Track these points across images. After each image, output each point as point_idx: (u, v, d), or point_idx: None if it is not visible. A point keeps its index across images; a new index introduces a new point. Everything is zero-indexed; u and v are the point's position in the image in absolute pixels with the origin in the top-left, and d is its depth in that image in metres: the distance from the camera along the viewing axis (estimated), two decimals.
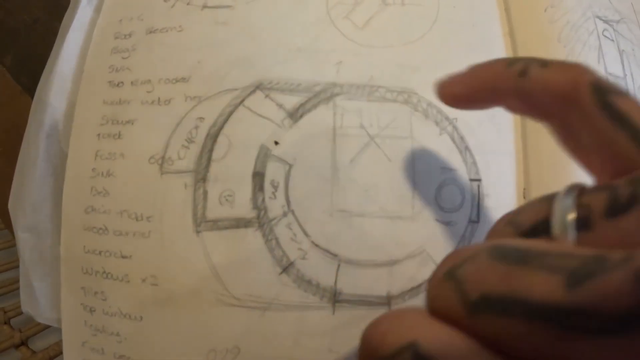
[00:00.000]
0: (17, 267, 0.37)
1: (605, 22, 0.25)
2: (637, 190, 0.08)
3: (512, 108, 0.14)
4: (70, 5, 0.26)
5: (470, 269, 0.09)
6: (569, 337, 0.07)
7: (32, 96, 0.25)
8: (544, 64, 0.12)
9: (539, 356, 0.08)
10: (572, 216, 0.09)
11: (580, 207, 0.09)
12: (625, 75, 0.24)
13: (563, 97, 0.11)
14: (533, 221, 0.10)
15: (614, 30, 0.25)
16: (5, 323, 0.33)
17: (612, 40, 0.25)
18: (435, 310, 0.09)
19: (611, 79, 0.24)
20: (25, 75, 0.28)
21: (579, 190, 0.09)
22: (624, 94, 0.11)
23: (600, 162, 0.11)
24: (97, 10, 0.25)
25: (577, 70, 0.11)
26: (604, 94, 0.11)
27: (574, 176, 0.21)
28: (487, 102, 0.14)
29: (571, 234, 0.09)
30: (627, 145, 0.10)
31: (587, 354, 0.07)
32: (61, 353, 0.32)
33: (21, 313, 0.34)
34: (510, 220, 0.11)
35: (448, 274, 0.09)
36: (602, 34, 0.24)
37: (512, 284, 0.08)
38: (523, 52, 0.23)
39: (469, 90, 0.15)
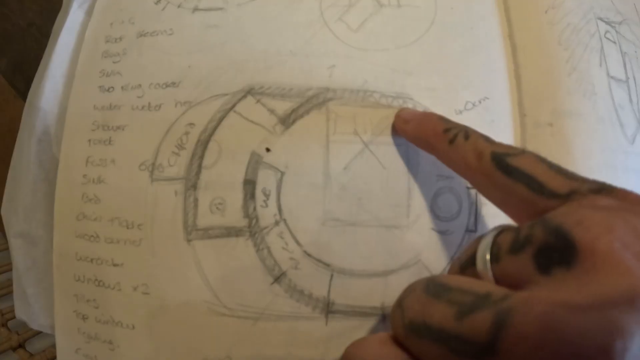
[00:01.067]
0: None
1: (607, 23, 0.23)
2: (532, 232, 0.10)
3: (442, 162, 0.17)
4: (62, 8, 0.25)
5: (409, 299, 0.11)
6: (455, 357, 0.09)
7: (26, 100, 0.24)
8: (467, 136, 0.15)
9: None
10: (487, 254, 0.11)
11: (494, 244, 0.11)
12: (627, 78, 0.23)
13: (470, 168, 0.15)
14: (467, 257, 0.12)
15: (616, 32, 0.23)
16: (2, 325, 0.33)
17: (614, 42, 0.23)
18: (393, 333, 0.11)
19: (613, 83, 0.23)
20: (20, 79, 0.27)
21: (499, 231, 0.11)
22: (518, 154, 0.13)
23: (514, 210, 0.13)
24: (89, 13, 0.24)
25: (481, 144, 0.15)
26: (501, 158, 0.14)
27: None
28: (424, 150, 0.18)
29: (488, 268, 0.11)
30: (526, 193, 0.12)
31: None
32: None
33: None
34: (459, 255, 0.13)
35: (398, 302, 0.11)
36: (604, 36, 0.23)
37: (425, 313, 0.10)
38: (522, 56, 0.21)
39: (413, 135, 0.18)
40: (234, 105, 0.20)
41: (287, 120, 0.20)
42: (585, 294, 0.09)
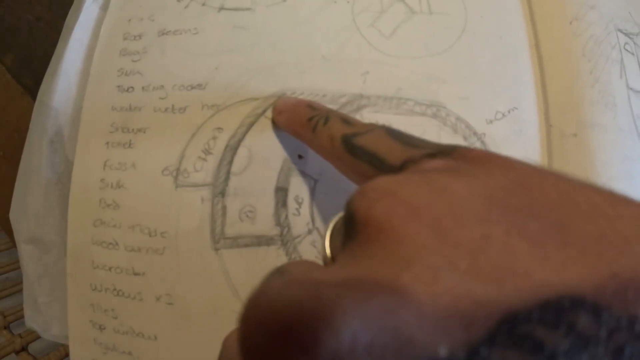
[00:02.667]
0: (16, 269, 0.35)
1: (626, 35, 0.23)
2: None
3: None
4: (75, 3, 0.23)
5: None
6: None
7: (34, 98, 0.22)
8: (326, 120, 0.15)
9: None
10: (328, 233, 0.11)
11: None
12: None
13: (327, 152, 0.14)
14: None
15: (634, 43, 0.23)
16: (5, 328, 0.30)
17: (633, 53, 0.23)
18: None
19: (632, 94, 0.23)
20: (27, 75, 0.25)
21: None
22: (366, 132, 0.13)
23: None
24: (104, 8, 0.22)
25: (335, 127, 0.14)
26: (349, 140, 0.13)
27: None
28: (298, 139, 0.17)
29: (326, 246, 0.11)
30: (370, 171, 0.12)
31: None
32: (62, 359, 0.30)
33: (21, 317, 0.31)
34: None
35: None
36: (624, 48, 0.23)
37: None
38: (549, 67, 0.21)
39: (285, 126, 0.18)
40: (265, 111, 0.19)
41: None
42: (333, 268, 0.08)
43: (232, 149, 0.19)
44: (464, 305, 0.06)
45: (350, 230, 0.08)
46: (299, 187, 0.18)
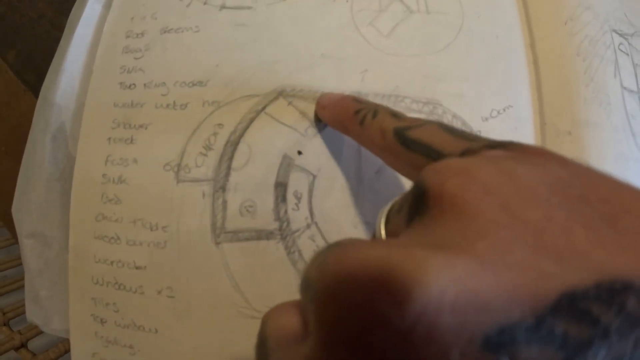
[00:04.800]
0: (17, 265, 0.35)
1: (621, 35, 0.24)
2: (410, 190, 0.10)
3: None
4: (78, 1, 0.23)
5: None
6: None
7: (36, 94, 0.23)
8: (375, 114, 0.15)
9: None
10: (383, 217, 0.11)
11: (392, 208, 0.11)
12: (639, 89, 0.24)
13: (377, 146, 0.14)
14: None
15: (628, 43, 0.24)
16: (4, 325, 0.31)
17: (627, 54, 0.24)
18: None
19: (626, 94, 0.23)
20: (30, 72, 0.26)
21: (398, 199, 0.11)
22: (419, 125, 0.13)
23: None
24: (107, 6, 0.23)
25: (386, 121, 0.14)
26: (402, 133, 0.13)
27: None
28: (343, 133, 0.17)
29: (382, 228, 0.11)
30: (425, 161, 0.12)
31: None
32: (61, 355, 0.30)
33: (20, 314, 0.32)
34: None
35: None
36: (618, 48, 0.23)
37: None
38: (544, 66, 0.22)
39: (330, 120, 0.18)
40: (265, 107, 0.19)
41: (319, 124, 0.19)
42: (403, 238, 0.08)
43: (232, 145, 0.19)
44: (532, 277, 0.07)
45: (421, 206, 0.09)
46: (298, 183, 0.19)
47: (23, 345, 0.30)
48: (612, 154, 0.22)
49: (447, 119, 0.20)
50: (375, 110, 0.15)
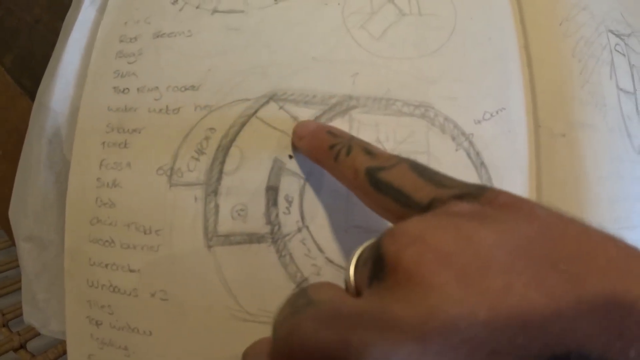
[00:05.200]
0: (15, 267, 0.36)
1: (617, 36, 0.24)
2: (373, 245, 0.10)
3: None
4: (73, 5, 0.24)
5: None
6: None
7: (32, 98, 0.23)
8: (349, 150, 0.15)
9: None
10: (352, 264, 0.11)
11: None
12: (635, 90, 0.23)
13: (350, 184, 0.15)
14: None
15: (625, 44, 0.24)
16: (3, 326, 0.31)
17: (624, 54, 0.24)
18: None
19: (622, 95, 0.23)
20: (26, 76, 0.26)
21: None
22: (391, 166, 0.13)
23: (391, 219, 0.13)
24: (101, 11, 0.23)
25: (358, 159, 0.14)
26: (373, 174, 0.13)
27: (585, 192, 0.20)
28: (319, 165, 0.17)
29: (350, 276, 0.11)
30: (395, 207, 0.12)
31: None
32: (60, 356, 0.31)
33: (20, 315, 0.32)
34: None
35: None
36: (615, 49, 0.23)
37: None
38: (538, 67, 0.21)
39: (306, 152, 0.18)
40: (256, 111, 0.20)
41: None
42: (360, 305, 0.09)
43: (224, 149, 0.19)
44: (480, 356, 0.07)
45: (379, 271, 0.09)
46: (289, 187, 0.19)
47: (22, 346, 0.30)
48: (607, 156, 0.22)
49: (439, 122, 0.20)
50: (350, 145, 0.15)
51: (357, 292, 0.11)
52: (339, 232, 0.19)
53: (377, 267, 0.09)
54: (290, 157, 0.19)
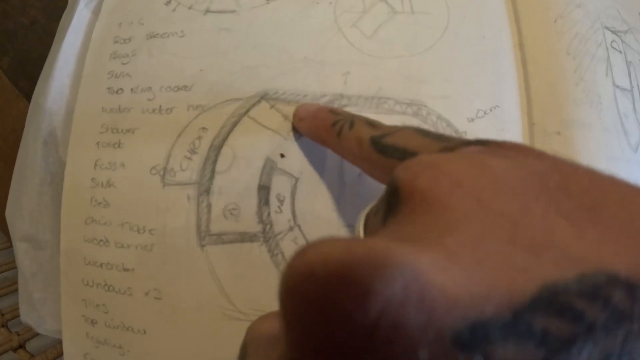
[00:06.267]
0: (14, 268, 0.36)
1: (614, 32, 0.24)
2: (382, 199, 0.10)
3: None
4: (68, 7, 0.24)
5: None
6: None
7: (29, 100, 0.24)
8: (351, 124, 0.15)
9: None
10: (362, 219, 0.11)
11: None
12: (632, 87, 0.23)
13: (355, 156, 0.15)
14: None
15: (621, 41, 0.24)
16: (2, 326, 0.32)
17: (620, 51, 0.24)
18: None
19: (619, 92, 0.23)
20: (23, 78, 0.27)
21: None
22: (395, 132, 0.13)
23: None
24: (96, 12, 0.24)
25: (362, 131, 0.14)
26: (378, 140, 0.13)
27: None
28: (322, 145, 0.17)
29: (360, 229, 0.11)
30: None
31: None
32: (59, 356, 0.31)
33: (18, 315, 0.33)
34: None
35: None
36: (611, 46, 0.23)
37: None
38: (532, 65, 0.22)
39: (308, 132, 0.18)
40: (247, 111, 0.20)
41: (297, 133, 0.20)
42: (381, 234, 0.08)
43: (216, 149, 0.20)
44: (507, 271, 0.07)
45: (394, 204, 0.09)
46: (280, 186, 0.19)
47: (21, 346, 0.31)
48: (602, 154, 0.22)
49: (431, 120, 0.20)
50: (352, 120, 0.15)
51: None
52: (330, 231, 0.19)
53: (392, 201, 0.09)
54: (282, 156, 0.19)
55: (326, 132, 0.16)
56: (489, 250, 0.07)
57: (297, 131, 0.19)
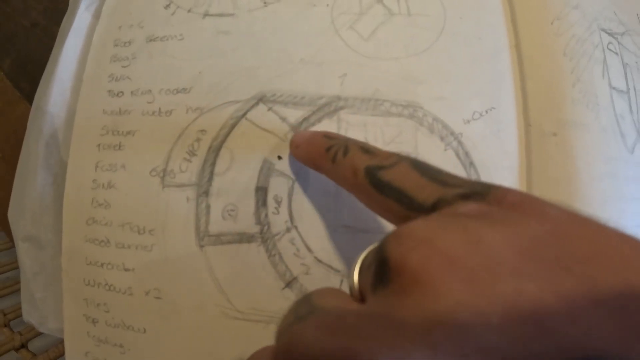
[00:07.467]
0: (16, 268, 0.37)
1: (610, 34, 0.24)
2: (376, 249, 0.10)
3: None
4: (69, 10, 0.25)
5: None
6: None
7: (31, 102, 0.24)
8: (345, 151, 0.15)
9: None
10: (357, 268, 0.11)
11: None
12: (628, 89, 0.24)
13: (349, 184, 0.14)
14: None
15: (618, 43, 0.24)
16: (5, 326, 0.33)
17: (617, 53, 0.24)
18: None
19: (615, 94, 0.23)
20: (25, 80, 0.27)
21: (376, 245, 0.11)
22: (391, 166, 0.13)
23: (395, 223, 0.13)
24: (96, 15, 0.24)
25: (357, 158, 0.14)
26: (374, 173, 0.13)
27: (577, 193, 0.21)
28: (317, 171, 0.17)
29: (354, 281, 0.11)
30: (397, 208, 0.12)
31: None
32: (61, 355, 0.32)
33: (21, 315, 0.33)
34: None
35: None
36: (607, 47, 0.24)
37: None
38: (529, 67, 0.22)
39: (304, 158, 0.18)
40: (245, 113, 0.20)
41: (298, 129, 0.20)
42: (364, 312, 0.08)
43: (215, 151, 0.20)
44: None
45: (383, 275, 0.09)
46: (278, 187, 0.20)
47: (23, 345, 0.31)
48: (599, 155, 0.22)
49: (427, 122, 0.21)
50: (346, 146, 0.15)
51: (362, 297, 0.10)
52: (327, 231, 0.20)
53: (381, 271, 0.09)
54: (279, 157, 0.20)
55: (320, 157, 0.16)
56: (477, 343, 0.07)
57: (293, 159, 0.19)
